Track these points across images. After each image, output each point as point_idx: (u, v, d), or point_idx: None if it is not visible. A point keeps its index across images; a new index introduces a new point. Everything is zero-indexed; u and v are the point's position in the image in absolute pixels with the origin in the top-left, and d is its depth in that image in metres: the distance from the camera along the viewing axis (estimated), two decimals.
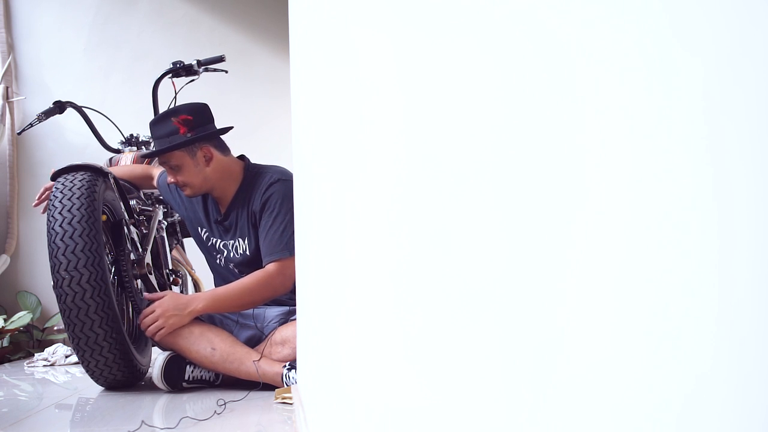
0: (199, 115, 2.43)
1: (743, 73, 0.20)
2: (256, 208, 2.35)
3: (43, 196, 2.41)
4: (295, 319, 2.31)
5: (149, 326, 2.21)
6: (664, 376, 0.24)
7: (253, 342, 2.32)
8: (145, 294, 2.27)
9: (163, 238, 2.85)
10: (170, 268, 2.85)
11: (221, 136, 2.48)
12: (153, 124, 2.43)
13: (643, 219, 0.25)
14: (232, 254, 2.46)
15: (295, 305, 2.38)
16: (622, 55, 0.26)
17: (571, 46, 0.30)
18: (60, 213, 2.18)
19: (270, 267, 2.25)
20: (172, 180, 2.41)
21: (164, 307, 2.18)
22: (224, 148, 2.47)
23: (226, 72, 2.99)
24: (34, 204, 2.35)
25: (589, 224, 0.29)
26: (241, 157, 2.53)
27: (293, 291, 2.38)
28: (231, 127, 2.51)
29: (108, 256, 2.44)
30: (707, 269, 0.22)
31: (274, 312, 2.38)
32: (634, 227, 0.25)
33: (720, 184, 0.21)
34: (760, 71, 0.20)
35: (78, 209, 2.19)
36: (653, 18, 0.24)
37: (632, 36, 0.25)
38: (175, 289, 2.86)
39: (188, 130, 2.37)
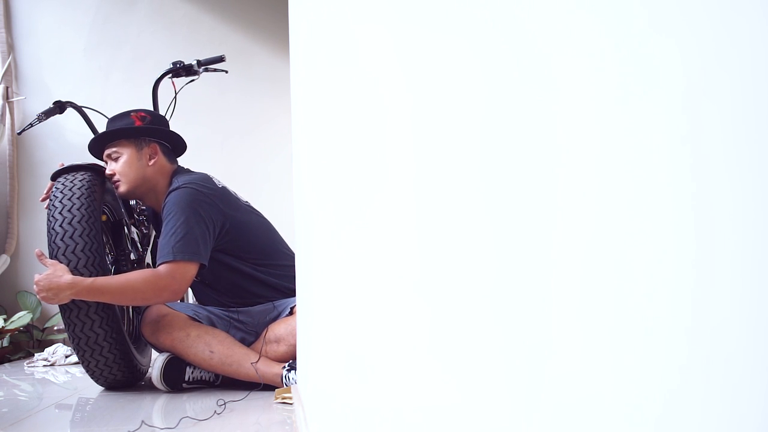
0: (157, 119, 2.46)
1: (723, 72, 0.20)
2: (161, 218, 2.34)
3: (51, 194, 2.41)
4: (287, 316, 2.31)
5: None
6: (649, 374, 0.24)
7: (245, 343, 2.32)
8: (36, 251, 2.20)
9: None
10: None
11: (175, 151, 2.49)
12: (111, 120, 2.46)
13: (634, 221, 0.25)
14: None
15: (273, 298, 2.38)
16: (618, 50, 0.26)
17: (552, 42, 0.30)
18: (60, 213, 2.18)
19: (160, 267, 2.19)
20: (110, 171, 2.40)
21: (41, 286, 2.09)
22: (170, 157, 2.47)
23: (226, 72, 2.99)
24: (41, 198, 2.35)
25: (580, 223, 0.28)
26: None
27: (268, 284, 2.37)
28: (184, 145, 2.51)
29: (108, 256, 2.44)
30: (688, 270, 0.22)
31: (257, 309, 2.38)
32: (628, 229, 0.25)
33: (700, 183, 0.21)
34: (741, 66, 0.19)
35: (78, 209, 2.19)
36: (633, 14, 0.24)
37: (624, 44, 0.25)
38: None
39: (144, 124, 2.40)
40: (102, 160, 2.47)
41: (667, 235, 0.23)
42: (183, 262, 2.18)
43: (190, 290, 3.04)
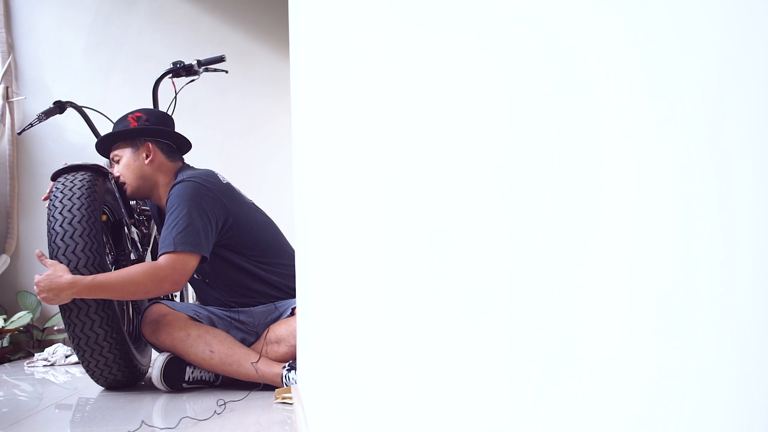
0: (155, 118, 2.47)
1: (743, 75, 0.20)
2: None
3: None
4: (288, 317, 2.31)
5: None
6: (670, 376, 0.24)
7: (246, 343, 2.32)
8: (37, 252, 2.20)
9: None
10: None
11: (178, 148, 2.49)
12: (114, 124, 2.50)
13: (649, 221, 0.25)
14: None
15: (274, 297, 2.38)
16: (625, 58, 0.26)
17: (575, 45, 0.30)
18: (60, 213, 2.18)
19: (160, 259, 2.20)
20: (117, 174, 2.44)
21: (41, 287, 2.09)
22: (172, 155, 2.47)
23: (226, 72, 2.99)
24: (43, 198, 2.36)
25: (595, 224, 0.28)
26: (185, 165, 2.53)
27: (270, 283, 2.37)
28: (186, 142, 2.51)
29: (108, 256, 2.44)
30: (711, 271, 0.22)
31: (258, 309, 2.38)
32: (639, 227, 0.25)
33: (723, 186, 0.21)
34: (760, 72, 0.20)
35: (78, 209, 2.19)
36: (656, 19, 0.24)
37: (635, 39, 0.25)
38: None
39: (138, 125, 2.41)
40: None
41: (692, 237, 0.24)
42: (184, 253, 2.18)
43: (191, 290, 3.04)
